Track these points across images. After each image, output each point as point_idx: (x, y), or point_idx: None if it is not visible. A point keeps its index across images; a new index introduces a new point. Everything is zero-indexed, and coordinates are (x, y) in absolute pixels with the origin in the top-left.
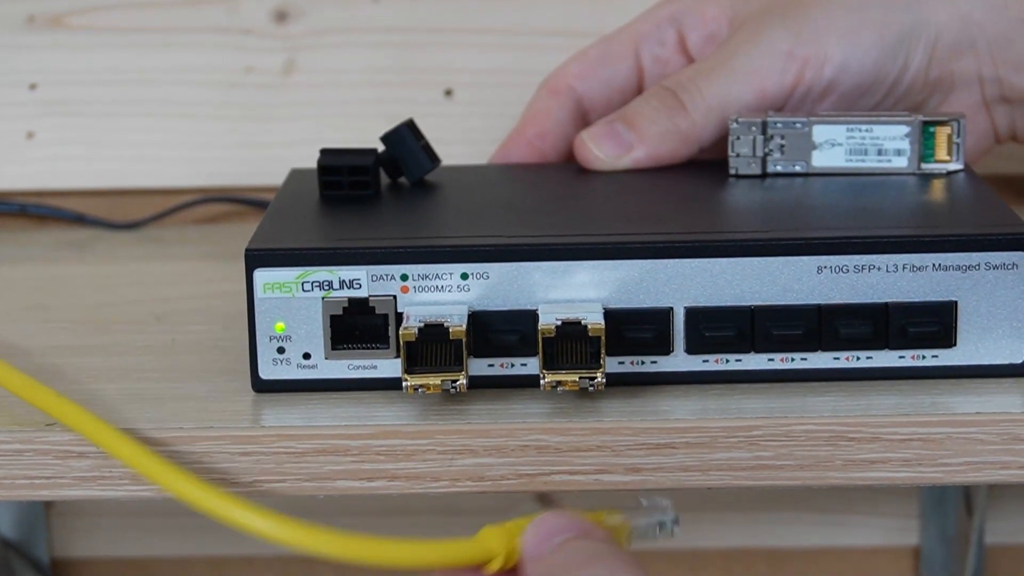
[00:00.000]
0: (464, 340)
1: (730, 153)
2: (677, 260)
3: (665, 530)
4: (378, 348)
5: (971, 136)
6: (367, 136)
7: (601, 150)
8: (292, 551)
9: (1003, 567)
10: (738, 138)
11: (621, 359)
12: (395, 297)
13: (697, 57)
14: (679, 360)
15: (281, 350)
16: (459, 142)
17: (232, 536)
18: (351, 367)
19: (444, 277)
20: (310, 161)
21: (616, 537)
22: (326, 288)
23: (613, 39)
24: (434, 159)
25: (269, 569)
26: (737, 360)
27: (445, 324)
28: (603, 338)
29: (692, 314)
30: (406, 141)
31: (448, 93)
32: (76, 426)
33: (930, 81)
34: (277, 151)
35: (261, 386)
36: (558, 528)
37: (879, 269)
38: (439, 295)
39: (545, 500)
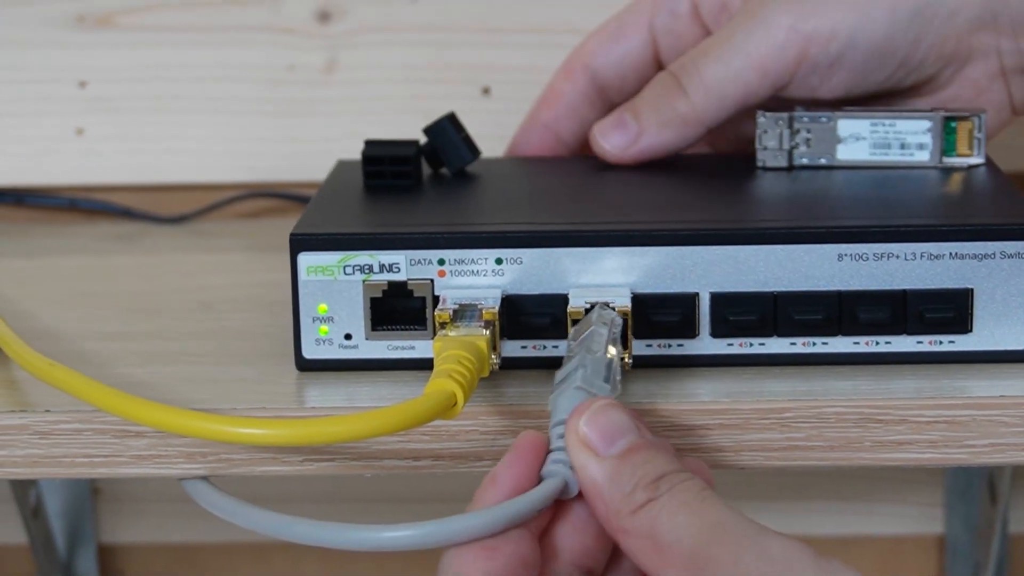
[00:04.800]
0: (497, 322)
1: (757, 146)
2: (703, 247)
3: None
4: (416, 330)
5: (988, 111)
6: (406, 132)
7: (609, 142)
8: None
9: None
10: (765, 132)
11: (648, 342)
12: (432, 281)
13: (712, 26)
14: (704, 343)
15: (324, 331)
16: (496, 138)
17: None
18: (390, 347)
19: (479, 262)
20: (350, 157)
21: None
22: (366, 271)
23: (626, 13)
24: (474, 151)
25: (311, 555)
26: (760, 344)
27: (479, 307)
28: (629, 321)
29: (717, 299)
30: (447, 133)
31: (486, 91)
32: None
33: (945, 54)
34: (319, 147)
35: (304, 365)
36: (619, 427)
37: (897, 257)
38: (474, 279)
39: None
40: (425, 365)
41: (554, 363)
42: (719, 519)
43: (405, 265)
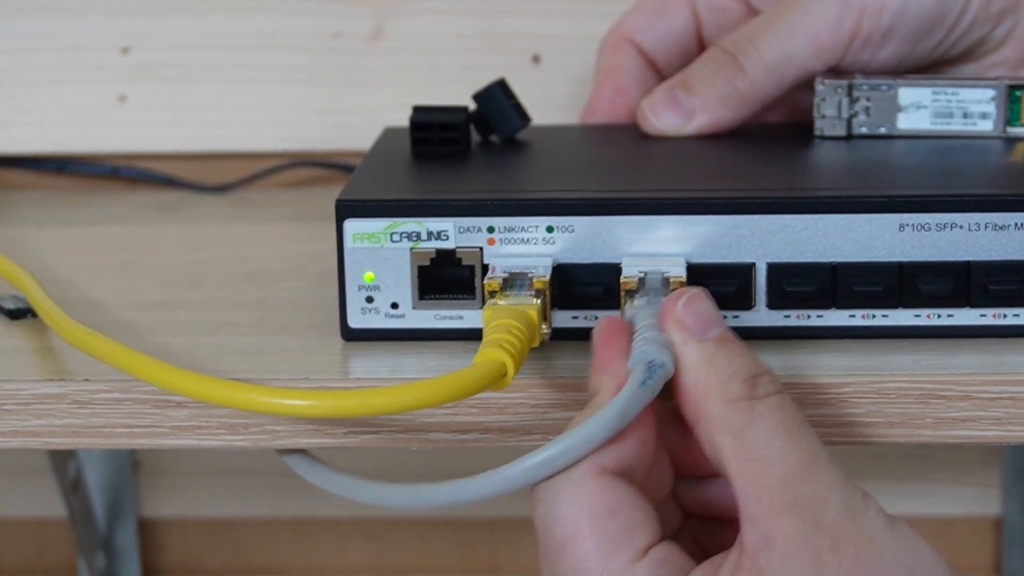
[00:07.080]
0: (547, 291)
1: (816, 115)
2: (760, 216)
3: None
4: (464, 299)
5: None
6: (454, 102)
7: (661, 120)
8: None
9: None
10: (824, 100)
11: None
12: (481, 249)
13: (756, 4)
14: (760, 315)
15: (370, 299)
16: (546, 107)
17: (317, 498)
18: (438, 317)
19: (530, 230)
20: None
21: None
22: (414, 239)
23: None
24: (524, 118)
25: (354, 531)
26: (818, 316)
27: (529, 275)
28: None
29: (774, 269)
30: (497, 99)
31: (536, 59)
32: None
33: (993, 13)
34: (365, 116)
35: (350, 334)
36: (712, 317)
37: (961, 227)
38: (525, 247)
39: None
40: (473, 335)
41: None
42: (815, 453)
43: (454, 232)
